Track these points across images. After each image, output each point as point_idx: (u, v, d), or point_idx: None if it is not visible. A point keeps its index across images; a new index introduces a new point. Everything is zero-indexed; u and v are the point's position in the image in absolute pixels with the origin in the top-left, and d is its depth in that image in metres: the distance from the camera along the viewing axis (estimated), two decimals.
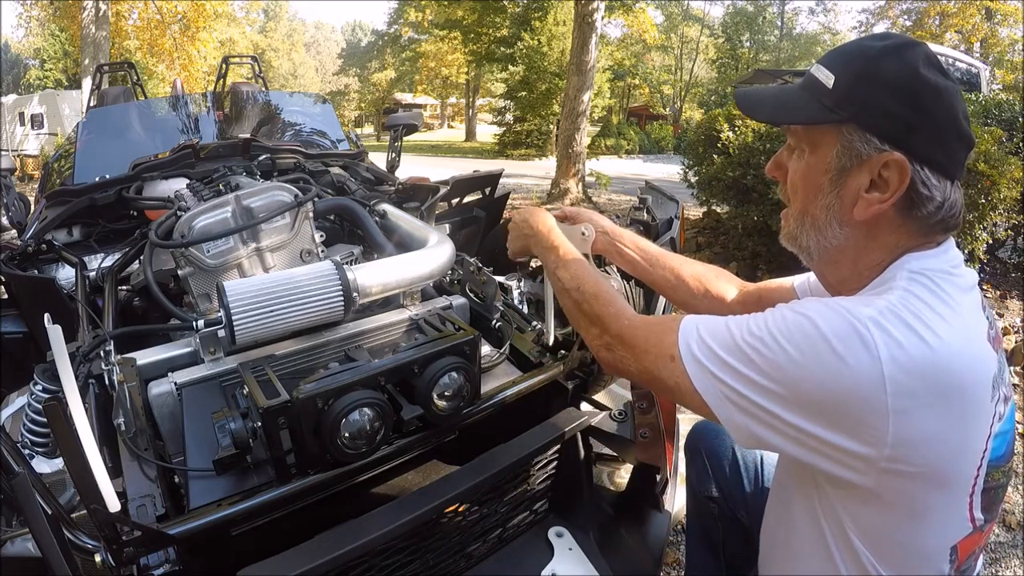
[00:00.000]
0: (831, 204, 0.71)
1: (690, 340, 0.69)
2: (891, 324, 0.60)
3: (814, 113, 0.70)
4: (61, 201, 1.92)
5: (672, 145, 19.94)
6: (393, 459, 1.02)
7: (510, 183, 8.97)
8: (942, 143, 0.66)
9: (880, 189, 0.67)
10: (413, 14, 24.30)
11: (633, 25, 14.34)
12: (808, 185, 0.73)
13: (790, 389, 0.62)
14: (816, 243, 0.74)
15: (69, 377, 0.69)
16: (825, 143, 0.70)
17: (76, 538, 0.76)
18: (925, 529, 0.67)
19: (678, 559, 1.69)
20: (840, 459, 0.63)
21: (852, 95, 0.67)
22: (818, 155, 0.71)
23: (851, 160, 0.68)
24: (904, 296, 0.63)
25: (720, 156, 4.26)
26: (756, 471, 1.14)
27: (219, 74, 4.68)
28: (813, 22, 39.34)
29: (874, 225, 0.70)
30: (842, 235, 0.71)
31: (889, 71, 0.66)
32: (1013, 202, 3.16)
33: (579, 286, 0.87)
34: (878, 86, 0.66)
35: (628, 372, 0.79)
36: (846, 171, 0.69)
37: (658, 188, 1.62)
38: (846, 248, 0.72)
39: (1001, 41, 17.14)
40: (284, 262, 1.42)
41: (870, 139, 0.66)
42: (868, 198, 0.68)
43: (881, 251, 0.71)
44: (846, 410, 0.60)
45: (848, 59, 0.69)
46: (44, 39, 23.34)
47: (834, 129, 0.69)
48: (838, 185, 0.70)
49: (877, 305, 0.62)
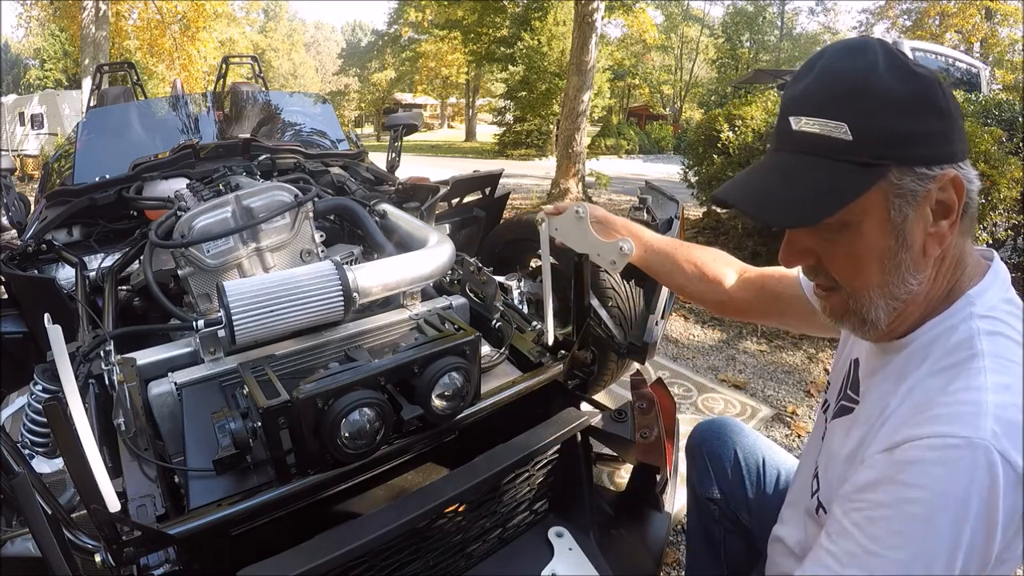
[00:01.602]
0: (902, 260, 0.61)
1: None
2: (1011, 423, 0.54)
3: (857, 180, 0.58)
4: (61, 201, 1.92)
5: (672, 145, 19.93)
6: (393, 459, 1.02)
7: (510, 183, 8.97)
8: (961, 129, 0.60)
9: (944, 215, 0.59)
10: (413, 14, 24.29)
11: (633, 25, 14.33)
12: (871, 257, 0.62)
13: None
14: (887, 309, 0.63)
15: (69, 377, 0.69)
16: (874, 203, 0.59)
17: (76, 538, 0.76)
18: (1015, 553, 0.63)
19: (678, 559, 1.69)
20: None
21: (877, 133, 0.57)
22: (872, 220, 0.60)
23: (909, 204, 0.58)
24: (998, 367, 0.58)
25: (720, 156, 4.27)
26: (759, 473, 1.13)
27: (219, 74, 4.69)
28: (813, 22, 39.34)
29: (943, 252, 0.62)
30: (916, 283, 0.62)
31: (887, 86, 0.57)
32: (1013, 202, 3.16)
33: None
34: (894, 109, 0.57)
35: None
36: (908, 219, 0.59)
37: (658, 188, 1.62)
38: (919, 292, 0.63)
39: (1001, 41, 17.14)
40: (284, 262, 1.42)
41: (918, 171, 0.58)
42: (937, 232, 0.60)
43: (947, 274, 0.64)
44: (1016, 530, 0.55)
45: (840, 96, 0.59)
46: (44, 39, 23.33)
47: (878, 182, 0.58)
48: (903, 236, 0.60)
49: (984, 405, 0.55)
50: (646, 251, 1.09)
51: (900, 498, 0.56)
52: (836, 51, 0.61)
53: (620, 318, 1.81)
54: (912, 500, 0.55)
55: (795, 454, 1.99)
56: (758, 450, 1.15)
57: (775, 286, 1.01)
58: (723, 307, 1.10)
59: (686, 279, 1.08)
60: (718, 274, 1.06)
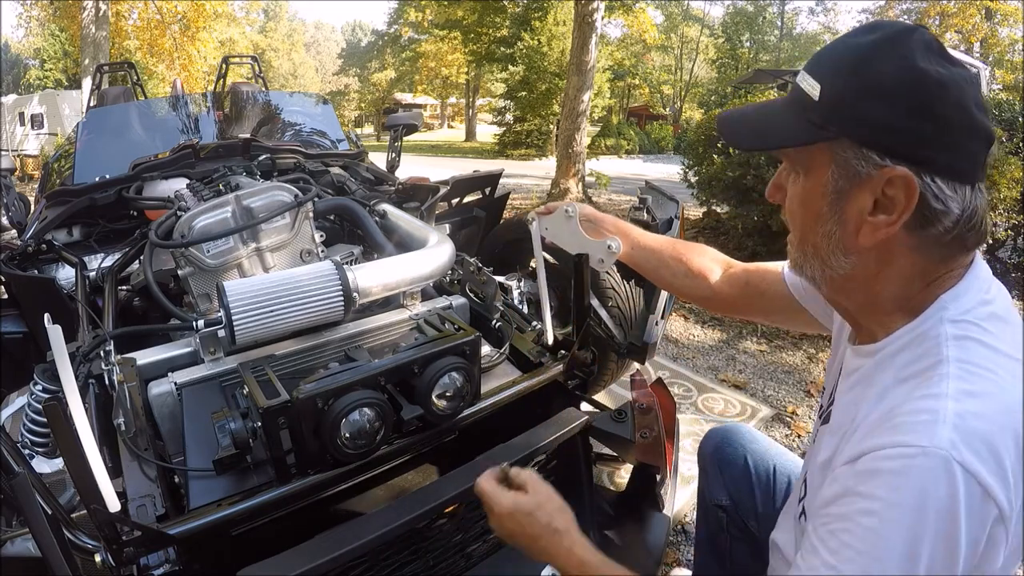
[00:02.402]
0: (832, 231, 0.62)
1: None
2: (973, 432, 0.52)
3: (800, 132, 0.61)
4: (61, 201, 1.92)
5: (672, 145, 19.93)
6: (393, 459, 1.02)
7: (510, 183, 8.97)
8: (955, 145, 0.56)
9: (886, 210, 0.58)
10: (413, 14, 24.30)
11: (633, 25, 14.32)
12: (807, 211, 0.64)
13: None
14: (821, 273, 0.65)
15: (69, 377, 0.69)
16: (819, 164, 0.61)
17: (76, 538, 0.76)
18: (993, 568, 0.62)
19: (678, 559, 1.69)
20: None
21: (842, 106, 0.58)
22: (813, 178, 0.62)
23: (849, 181, 0.59)
24: (963, 373, 0.56)
25: (720, 156, 4.27)
26: (768, 481, 1.11)
27: (219, 74, 4.69)
28: (813, 22, 39.36)
29: (884, 251, 0.60)
30: (848, 264, 0.63)
31: (881, 72, 0.56)
32: (1013, 202, 3.16)
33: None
34: (871, 92, 0.56)
35: None
36: (845, 194, 0.60)
37: (658, 188, 1.62)
38: (855, 277, 0.64)
39: (1001, 41, 17.13)
40: (284, 262, 1.42)
41: (867, 155, 0.57)
42: (873, 222, 0.59)
43: (897, 280, 0.62)
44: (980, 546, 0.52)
45: (834, 63, 0.60)
46: (44, 39, 23.33)
47: (827, 147, 0.60)
48: (838, 209, 0.61)
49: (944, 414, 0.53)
50: (633, 248, 1.10)
51: (856, 510, 0.55)
52: (874, 27, 0.60)
53: (620, 318, 1.81)
54: (866, 511, 0.54)
55: (796, 453, 1.99)
56: (769, 457, 1.14)
57: (759, 282, 1.00)
58: (709, 302, 1.10)
59: (672, 275, 1.08)
60: (703, 269, 1.06)
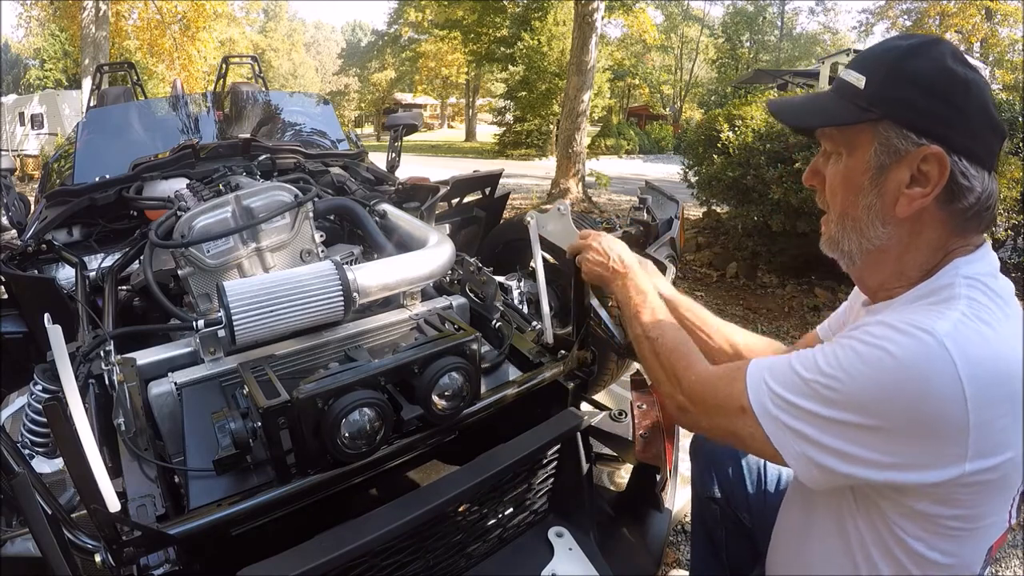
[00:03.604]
0: (872, 203, 0.71)
1: (759, 389, 0.70)
2: (968, 339, 0.60)
3: (848, 114, 0.70)
4: (61, 201, 1.92)
5: (672, 145, 19.92)
6: (393, 459, 1.02)
7: (510, 183, 8.96)
8: (976, 134, 0.66)
9: (921, 184, 0.67)
10: (413, 14, 24.29)
11: (633, 25, 14.30)
12: (848, 187, 0.72)
13: (873, 421, 0.61)
14: (858, 245, 0.73)
15: (69, 377, 0.69)
16: (862, 143, 0.70)
17: (76, 538, 0.76)
18: (973, 534, 0.68)
19: (678, 559, 1.69)
20: (917, 489, 0.64)
21: (884, 93, 0.68)
22: (856, 156, 0.71)
23: (890, 157, 0.68)
24: (972, 305, 0.63)
25: (720, 156, 4.26)
26: (759, 474, 1.14)
27: (219, 74, 4.67)
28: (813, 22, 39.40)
29: (917, 221, 0.69)
30: (885, 234, 0.71)
31: (918, 67, 0.67)
32: (1013, 202, 3.15)
33: (660, 335, 0.87)
34: (909, 83, 0.67)
35: (702, 430, 0.80)
36: (885, 168, 0.69)
37: (658, 188, 1.62)
38: (889, 248, 0.72)
39: (1001, 41, 17.12)
40: (284, 262, 1.42)
41: (907, 135, 0.66)
42: (910, 193, 0.68)
43: (925, 250, 0.70)
44: (931, 433, 0.60)
45: (877, 60, 0.70)
46: (44, 39, 23.31)
47: (870, 128, 0.69)
48: (878, 183, 0.70)
49: (950, 318, 0.61)
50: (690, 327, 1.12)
51: (856, 336, 0.65)
52: (908, 36, 0.71)
53: (620, 318, 1.80)
54: (863, 341, 0.64)
55: None
56: None
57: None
58: None
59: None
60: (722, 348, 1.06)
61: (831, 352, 0.66)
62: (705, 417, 0.78)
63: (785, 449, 0.67)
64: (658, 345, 0.86)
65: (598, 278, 1.04)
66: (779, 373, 0.69)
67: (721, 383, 0.75)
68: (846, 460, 0.64)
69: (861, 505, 0.72)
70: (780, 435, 0.67)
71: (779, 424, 0.67)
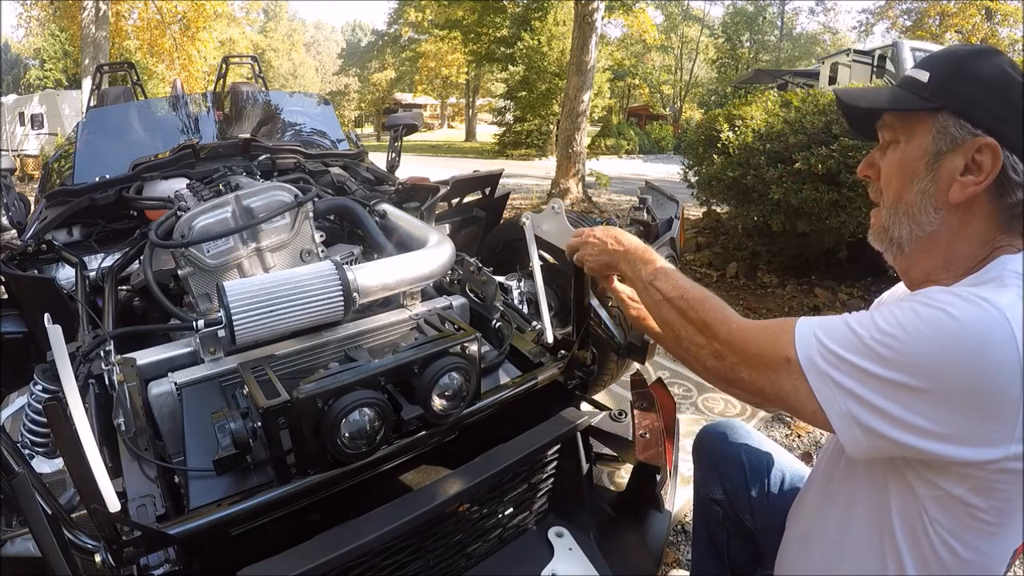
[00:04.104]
0: (927, 188, 0.73)
1: (808, 342, 0.68)
2: (1019, 317, 0.60)
3: (912, 102, 0.74)
4: (61, 201, 1.92)
5: (672, 145, 19.92)
6: (393, 459, 1.02)
7: (510, 183, 8.96)
8: (1018, 127, 0.69)
9: (974, 172, 0.70)
10: (413, 14, 24.29)
11: (633, 25, 14.31)
12: (904, 172, 0.75)
13: (927, 384, 0.61)
14: (909, 231, 0.76)
15: (69, 377, 0.69)
16: (921, 130, 0.74)
17: (76, 538, 0.76)
18: (1004, 531, 0.68)
19: (678, 559, 1.69)
20: (959, 470, 0.63)
21: (947, 87, 0.72)
22: (914, 142, 0.75)
23: (947, 144, 0.71)
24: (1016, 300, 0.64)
25: (720, 156, 4.26)
26: (763, 477, 1.13)
27: (219, 74, 4.67)
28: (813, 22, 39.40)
29: (967, 210, 0.72)
30: (936, 220, 0.73)
31: (979, 67, 0.72)
32: None
33: (683, 294, 0.83)
34: (970, 80, 0.71)
35: (740, 381, 0.75)
36: (942, 155, 0.72)
37: (658, 188, 1.62)
38: (940, 235, 0.74)
39: (1001, 41, 17.12)
40: (284, 262, 1.42)
41: (964, 125, 0.70)
42: (963, 181, 0.70)
43: (973, 239, 0.72)
44: (983, 405, 0.60)
45: (941, 59, 0.76)
46: (44, 39, 23.31)
47: (930, 117, 0.73)
48: (934, 169, 0.72)
49: (1008, 296, 0.62)
50: None
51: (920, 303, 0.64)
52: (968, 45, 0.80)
53: (620, 318, 1.80)
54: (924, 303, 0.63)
55: (795, 454, 1.99)
56: (763, 453, 1.16)
57: None
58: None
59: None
60: None
61: (889, 312, 0.65)
62: (744, 367, 0.73)
63: (830, 406, 0.65)
64: (683, 302, 0.83)
65: (603, 266, 1.02)
66: (831, 329, 0.67)
67: (765, 333, 0.73)
68: (892, 423, 0.62)
69: (895, 491, 0.71)
70: (826, 391, 0.65)
71: (826, 379, 0.65)
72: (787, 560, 0.94)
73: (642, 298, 0.92)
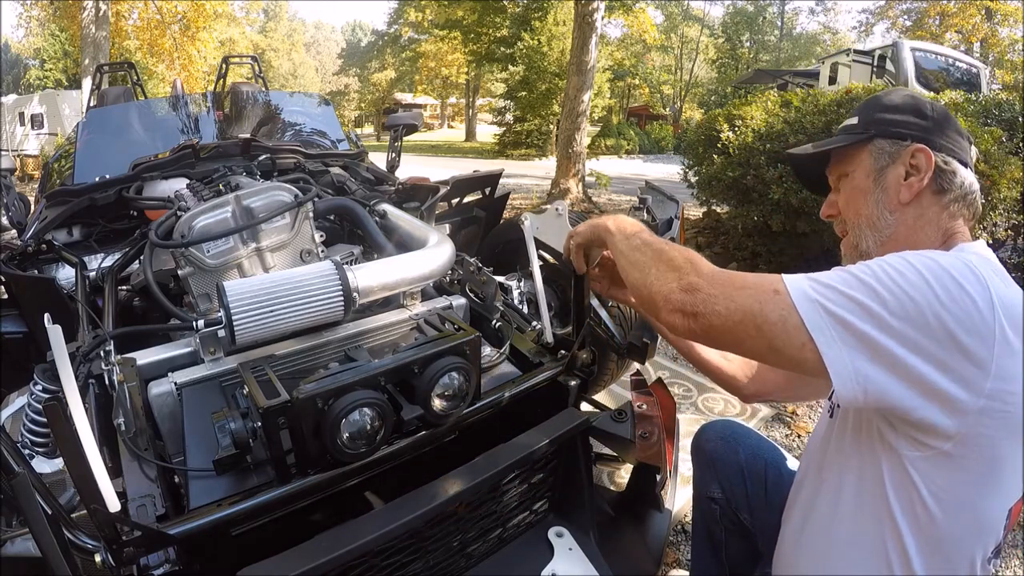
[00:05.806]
0: (879, 198, 0.86)
1: (798, 280, 0.71)
2: (986, 270, 0.68)
3: (851, 139, 0.90)
4: (61, 201, 1.92)
5: (672, 145, 19.91)
6: (393, 459, 1.02)
7: (510, 183, 8.97)
8: (947, 135, 0.85)
9: (915, 174, 0.83)
10: (413, 14, 24.29)
11: (633, 25, 14.30)
12: (859, 192, 0.89)
13: (913, 316, 0.65)
14: (873, 239, 0.87)
15: (69, 377, 0.69)
16: (863, 157, 0.89)
17: (76, 538, 0.76)
18: (993, 490, 0.73)
19: (678, 559, 1.69)
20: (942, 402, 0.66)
21: (873, 119, 0.89)
22: (861, 168, 0.89)
23: (886, 160, 0.86)
24: (982, 260, 0.73)
25: (720, 156, 4.26)
26: (761, 476, 1.14)
27: (219, 74, 4.67)
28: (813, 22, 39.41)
29: (917, 204, 0.84)
30: (892, 221, 0.85)
31: (892, 99, 0.90)
32: (1013, 202, 3.15)
33: (667, 244, 0.83)
34: (889, 108, 0.88)
35: (711, 315, 0.71)
36: (884, 169, 0.86)
37: (658, 188, 1.61)
38: (898, 234, 0.85)
39: (1001, 41, 17.13)
40: (284, 262, 1.42)
41: (895, 142, 0.85)
42: (908, 183, 0.84)
43: (928, 230, 0.84)
44: (963, 334, 0.64)
45: (863, 104, 0.93)
46: (44, 39, 23.31)
47: (868, 144, 0.88)
48: (881, 181, 0.86)
49: (971, 257, 0.71)
50: None
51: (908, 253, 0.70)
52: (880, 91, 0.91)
53: (620, 318, 1.81)
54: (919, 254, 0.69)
55: (795, 454, 1.99)
56: (761, 452, 1.17)
57: None
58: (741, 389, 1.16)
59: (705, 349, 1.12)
60: None
61: (877, 261, 0.71)
62: (724, 298, 0.71)
63: (820, 334, 0.66)
64: (665, 246, 0.83)
65: (590, 230, 1.00)
66: (821, 274, 0.72)
67: (751, 276, 0.74)
68: (879, 355, 0.66)
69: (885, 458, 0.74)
70: (817, 319, 0.67)
71: (817, 307, 0.67)
72: (785, 551, 0.94)
73: (623, 250, 0.88)
